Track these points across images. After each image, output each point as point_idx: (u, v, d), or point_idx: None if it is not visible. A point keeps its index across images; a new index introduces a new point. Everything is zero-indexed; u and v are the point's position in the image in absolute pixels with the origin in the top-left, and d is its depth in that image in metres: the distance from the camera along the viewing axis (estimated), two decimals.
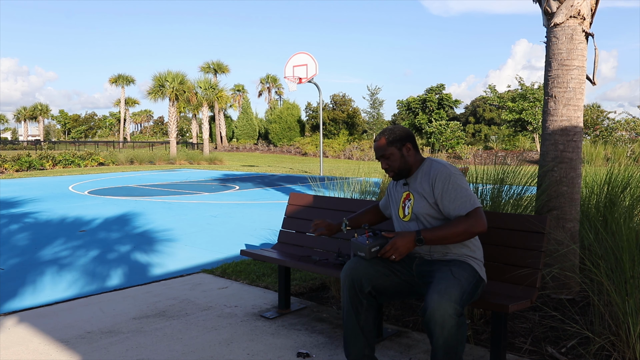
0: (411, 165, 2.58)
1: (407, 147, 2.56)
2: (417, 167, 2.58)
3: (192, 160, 28.26)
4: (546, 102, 3.80)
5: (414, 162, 2.58)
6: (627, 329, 2.55)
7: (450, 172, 2.43)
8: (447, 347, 2.10)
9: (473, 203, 2.36)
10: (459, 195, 2.38)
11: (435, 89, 37.06)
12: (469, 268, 2.37)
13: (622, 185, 3.80)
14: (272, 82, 56.91)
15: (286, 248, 3.74)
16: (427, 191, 2.47)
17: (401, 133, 2.59)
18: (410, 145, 2.58)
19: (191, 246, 5.98)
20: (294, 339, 3.08)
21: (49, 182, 15.55)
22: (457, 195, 2.38)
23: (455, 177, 2.42)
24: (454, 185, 2.39)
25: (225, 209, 9.27)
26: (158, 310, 3.61)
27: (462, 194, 2.37)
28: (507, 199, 3.82)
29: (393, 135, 2.58)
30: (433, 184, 2.45)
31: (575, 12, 3.60)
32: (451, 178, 2.41)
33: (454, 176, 2.42)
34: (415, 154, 2.59)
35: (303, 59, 19.30)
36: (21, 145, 53.26)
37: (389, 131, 2.60)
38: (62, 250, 5.78)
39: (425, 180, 2.50)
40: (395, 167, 2.57)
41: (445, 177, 2.42)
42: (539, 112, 27.18)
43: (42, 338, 3.12)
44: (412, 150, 2.58)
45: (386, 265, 2.50)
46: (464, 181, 2.43)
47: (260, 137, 49.55)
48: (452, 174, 2.43)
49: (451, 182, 2.40)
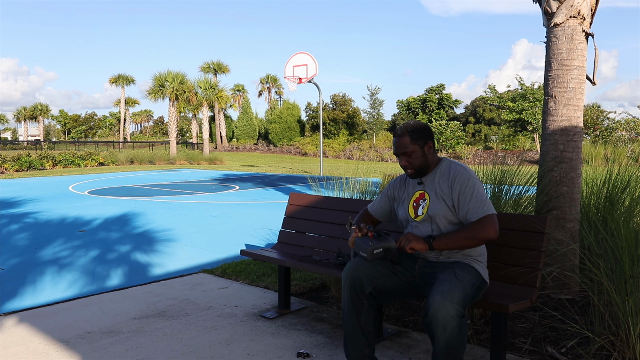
0: (430, 164, 2.53)
1: (428, 146, 2.51)
2: (434, 167, 2.54)
3: (192, 160, 28.26)
4: (546, 102, 3.80)
5: (433, 161, 2.54)
6: (627, 329, 2.55)
7: (470, 175, 2.41)
8: (448, 348, 2.11)
9: (486, 210, 2.34)
10: (474, 199, 2.36)
11: (435, 89, 37.08)
12: (472, 270, 2.36)
13: (621, 185, 3.80)
14: (272, 82, 56.90)
15: (286, 248, 3.74)
16: (446, 192, 2.43)
17: (424, 130, 2.52)
18: (432, 144, 2.53)
19: (191, 246, 5.98)
20: (294, 339, 3.08)
21: (49, 182, 15.55)
22: (472, 199, 2.36)
23: (474, 180, 2.40)
24: (471, 189, 2.37)
25: (225, 209, 9.27)
26: (158, 310, 3.61)
27: (477, 199, 2.36)
28: (507, 199, 3.82)
29: (417, 132, 2.50)
30: (452, 185, 2.42)
31: (575, 12, 3.60)
32: (469, 181, 2.39)
33: (473, 180, 2.40)
34: (434, 153, 2.55)
35: (303, 59, 19.29)
36: (21, 145, 53.25)
37: (412, 127, 2.51)
38: (62, 250, 5.78)
39: (444, 181, 2.45)
40: (416, 165, 2.50)
41: (465, 179, 2.40)
42: (539, 112, 27.18)
43: (42, 338, 3.12)
44: (432, 149, 2.53)
45: (387, 266, 2.50)
46: (482, 187, 2.41)
47: (260, 137, 49.55)
48: (471, 177, 2.41)
49: (469, 185, 2.38)
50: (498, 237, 2.34)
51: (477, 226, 2.32)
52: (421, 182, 2.56)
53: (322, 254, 3.46)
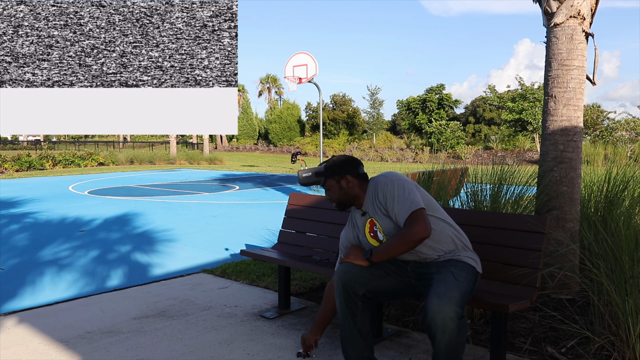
0: (356, 194, 2.53)
1: (346, 179, 2.52)
2: (365, 194, 2.53)
3: (192, 160, 28.25)
4: (546, 102, 3.81)
5: (359, 191, 2.53)
6: (627, 329, 2.55)
7: (389, 179, 2.41)
8: (448, 349, 2.11)
9: (410, 206, 2.31)
10: (397, 201, 2.35)
11: (435, 89, 37.05)
12: (467, 267, 2.36)
13: (621, 185, 3.81)
14: (272, 82, 56.91)
15: (286, 248, 3.74)
16: (383, 208, 2.43)
17: (340, 165, 2.54)
18: (350, 177, 2.52)
19: (191, 246, 5.98)
20: (294, 339, 3.08)
21: (49, 182, 15.55)
22: (396, 201, 2.35)
23: (393, 182, 2.39)
24: (393, 192, 2.37)
25: (225, 209, 9.28)
26: (158, 310, 3.61)
27: (400, 199, 2.34)
28: (507, 199, 3.82)
29: (332, 167, 2.53)
30: (381, 198, 2.42)
31: (575, 12, 3.61)
32: (389, 185, 2.39)
33: (392, 182, 2.39)
34: (360, 183, 2.53)
35: (303, 59, 19.28)
36: (21, 145, 53.31)
37: (330, 163, 2.55)
38: (62, 250, 5.78)
39: (377, 198, 2.45)
40: (336, 199, 2.55)
41: (385, 185, 2.40)
42: (539, 112, 27.18)
43: (42, 338, 3.12)
44: (355, 181, 2.52)
45: (380, 266, 2.48)
46: (404, 185, 2.38)
47: (260, 137, 49.57)
48: (390, 180, 2.40)
49: (389, 188, 2.38)
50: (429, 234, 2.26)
51: (405, 229, 2.30)
52: (364, 213, 2.55)
53: (322, 254, 3.46)
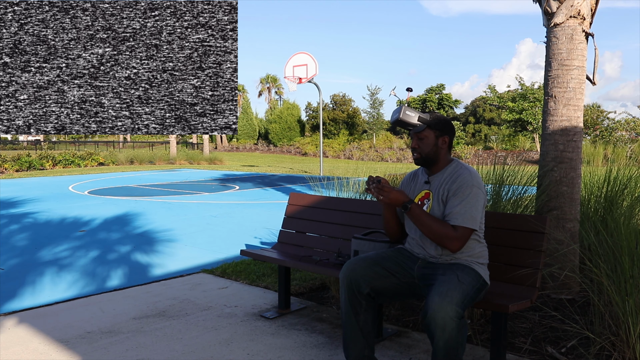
0: (440, 159, 2.52)
1: (444, 140, 2.51)
2: (444, 167, 2.53)
3: (192, 160, 28.26)
4: (546, 102, 3.80)
5: (443, 158, 2.53)
6: (627, 329, 2.55)
7: (473, 183, 2.39)
8: (447, 348, 2.11)
9: (467, 222, 2.32)
10: (462, 205, 2.34)
11: (435, 89, 37.08)
12: (473, 273, 2.36)
13: (621, 185, 3.80)
14: (272, 82, 56.92)
15: (286, 248, 3.74)
16: (446, 196, 2.42)
17: (446, 124, 2.53)
18: (448, 140, 2.52)
19: (191, 246, 5.98)
20: (294, 339, 3.08)
21: (49, 182, 15.54)
22: (461, 204, 2.35)
23: (473, 189, 2.38)
24: (466, 195, 2.36)
25: (225, 209, 9.27)
26: (158, 310, 3.61)
27: (465, 207, 2.34)
28: (507, 199, 3.82)
29: (438, 121, 2.51)
30: (454, 188, 2.40)
31: (575, 12, 3.61)
32: (468, 188, 2.37)
33: (472, 188, 2.38)
34: (448, 151, 2.54)
35: (303, 59, 19.28)
36: (21, 145, 53.29)
37: (436, 115, 2.52)
38: (62, 250, 5.78)
39: (449, 183, 2.44)
40: (424, 152, 2.51)
41: (466, 185, 2.38)
42: (539, 112, 27.17)
43: (42, 338, 3.12)
44: (447, 146, 2.53)
45: (385, 266, 2.49)
46: (478, 198, 2.38)
47: (260, 137, 49.54)
48: (473, 185, 2.39)
49: (465, 191, 2.36)
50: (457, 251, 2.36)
51: (449, 230, 2.32)
52: (428, 182, 2.55)
53: (322, 254, 3.46)
